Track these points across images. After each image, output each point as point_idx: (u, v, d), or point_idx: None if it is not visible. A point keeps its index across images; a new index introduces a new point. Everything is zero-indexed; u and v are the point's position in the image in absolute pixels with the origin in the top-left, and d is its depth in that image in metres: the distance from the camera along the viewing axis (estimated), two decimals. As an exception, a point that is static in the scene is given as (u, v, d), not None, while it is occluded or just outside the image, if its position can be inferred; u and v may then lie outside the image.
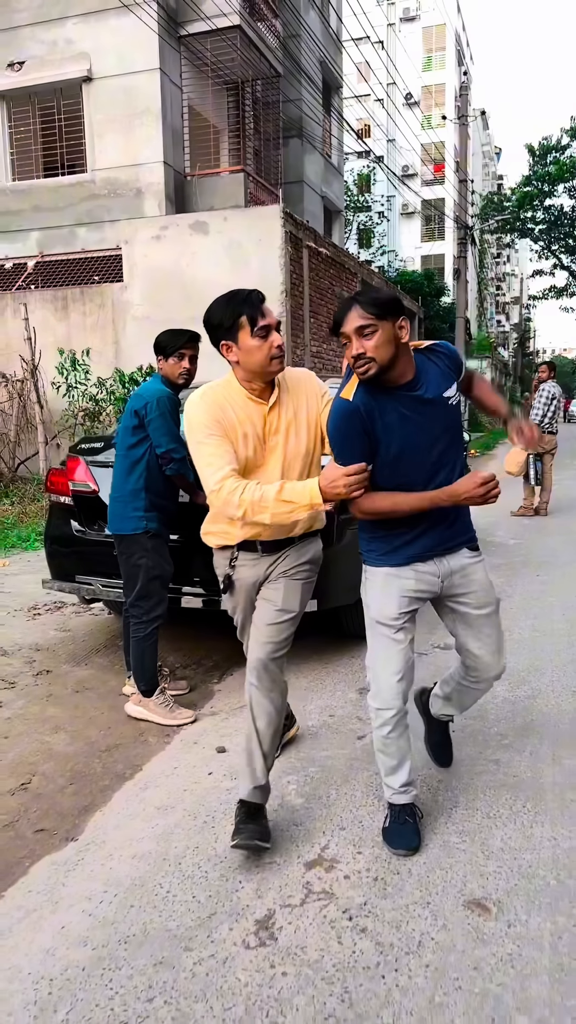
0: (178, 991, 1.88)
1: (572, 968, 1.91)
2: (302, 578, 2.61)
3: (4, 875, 2.40)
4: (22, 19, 13.20)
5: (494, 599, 2.52)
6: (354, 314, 2.16)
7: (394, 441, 2.26)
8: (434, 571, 2.42)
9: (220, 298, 2.40)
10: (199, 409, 2.40)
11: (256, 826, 2.41)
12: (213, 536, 2.66)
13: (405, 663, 2.44)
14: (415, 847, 2.43)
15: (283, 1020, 1.78)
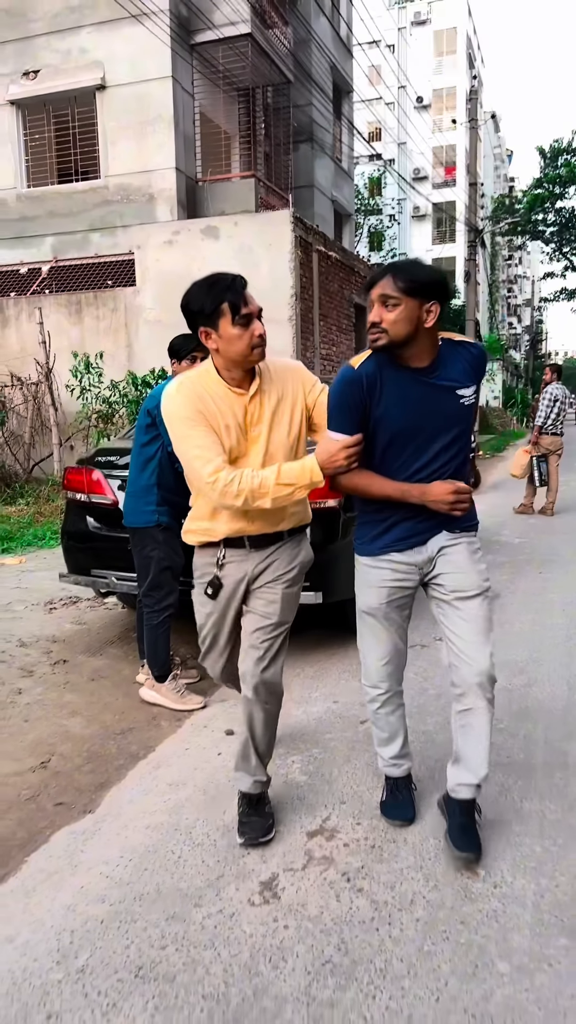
0: (189, 940, 2.05)
1: (551, 922, 2.06)
2: (297, 584, 2.56)
3: (27, 843, 2.58)
4: (37, 28, 13.46)
5: (476, 585, 2.35)
6: (385, 281, 2.13)
7: (391, 421, 2.22)
8: (410, 560, 2.37)
9: (201, 282, 2.29)
10: (179, 401, 2.31)
11: (259, 819, 2.54)
12: (194, 534, 2.54)
13: (391, 650, 2.47)
14: (410, 818, 2.58)
15: (284, 964, 1.94)
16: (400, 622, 2.48)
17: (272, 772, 2.96)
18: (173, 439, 2.33)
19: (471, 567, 2.36)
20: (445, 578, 2.36)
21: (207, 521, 2.47)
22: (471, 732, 2.33)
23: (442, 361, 2.23)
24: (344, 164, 20.25)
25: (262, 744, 2.55)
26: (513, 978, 1.87)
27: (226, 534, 2.45)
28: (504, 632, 4.75)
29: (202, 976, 1.92)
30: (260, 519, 2.41)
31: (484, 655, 2.31)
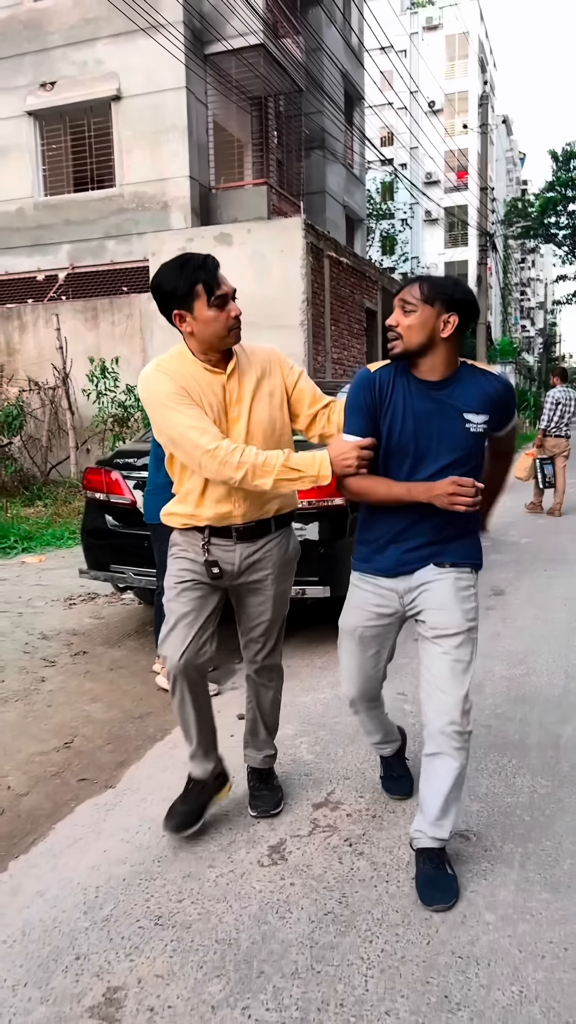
0: (203, 895, 2.24)
1: (535, 880, 2.25)
2: (288, 579, 2.57)
3: (53, 813, 2.78)
4: (54, 41, 13.76)
5: (457, 624, 2.21)
6: (408, 288, 2.15)
7: (393, 430, 2.19)
8: (393, 586, 2.31)
9: (171, 263, 2.22)
10: (160, 380, 2.23)
11: (269, 793, 2.72)
12: (178, 517, 2.42)
13: (361, 675, 2.44)
14: (407, 793, 2.75)
15: (290, 915, 2.13)
16: (375, 650, 2.41)
17: (281, 752, 3.15)
18: (159, 420, 2.23)
19: (455, 605, 2.22)
20: (426, 615, 2.26)
21: (192, 506, 2.36)
22: (431, 776, 2.21)
23: (458, 381, 2.19)
24: (356, 170, 20.47)
25: (270, 719, 2.72)
26: (497, 926, 2.06)
27: (211, 520, 2.35)
28: (506, 626, 4.93)
29: (215, 924, 2.11)
30: (246, 502, 2.33)
31: (455, 701, 2.16)
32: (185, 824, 2.50)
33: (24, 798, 2.90)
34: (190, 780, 2.60)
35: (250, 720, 2.73)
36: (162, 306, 2.25)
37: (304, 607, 4.52)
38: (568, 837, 2.48)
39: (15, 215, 14.44)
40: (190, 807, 2.54)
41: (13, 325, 13.23)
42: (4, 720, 3.57)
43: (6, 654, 4.41)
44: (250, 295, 11.53)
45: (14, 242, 14.45)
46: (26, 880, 2.36)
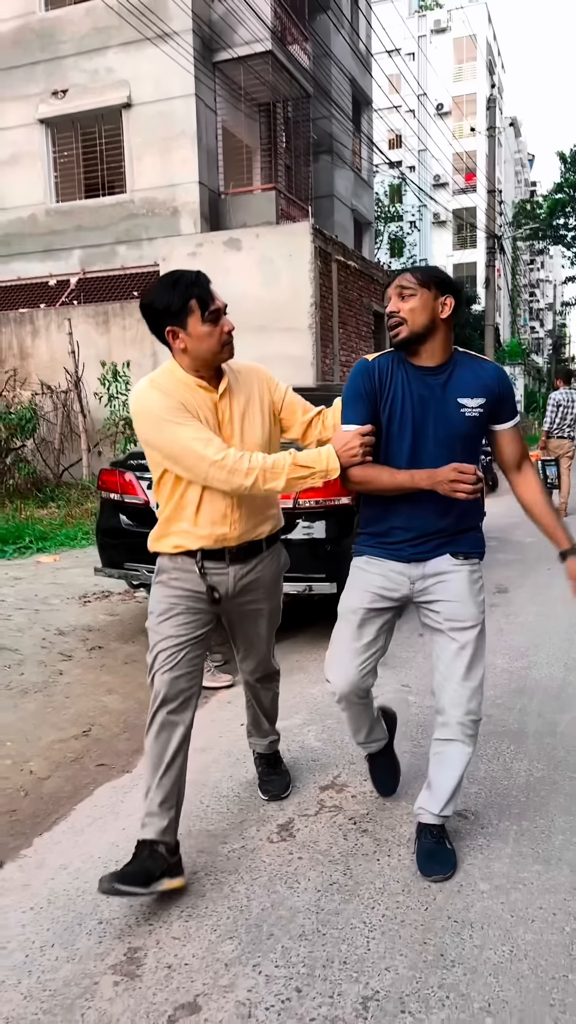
0: (216, 868, 2.39)
1: (527, 853, 2.39)
2: (280, 594, 2.61)
3: (74, 795, 2.94)
4: (66, 50, 13.98)
5: (473, 616, 2.30)
6: (401, 277, 2.22)
7: (394, 416, 2.23)
8: (405, 571, 2.33)
9: (163, 280, 2.21)
10: (157, 396, 2.19)
11: (278, 777, 2.86)
12: (169, 538, 2.34)
13: (358, 666, 2.35)
14: (389, 792, 2.78)
15: (298, 885, 2.28)
16: (371, 637, 2.37)
17: (289, 739, 3.32)
18: (156, 436, 2.18)
19: (470, 597, 2.30)
20: (442, 606, 2.30)
21: (185, 528, 2.30)
22: (444, 760, 2.31)
23: (453, 367, 2.24)
24: (363, 174, 20.62)
25: (271, 712, 2.82)
26: (492, 894, 2.20)
27: (205, 542, 2.30)
28: (509, 622, 5.06)
29: (228, 893, 2.26)
30: (241, 524, 2.31)
31: (471, 692, 2.27)
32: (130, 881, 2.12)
33: (46, 782, 3.05)
34: (139, 845, 2.25)
35: (251, 716, 2.83)
36: (153, 324, 2.23)
37: (311, 603, 4.66)
38: (561, 816, 2.62)
39: (27, 221, 14.66)
40: (135, 869, 2.18)
41: (26, 330, 13.44)
42: (25, 710, 3.73)
43: (25, 649, 4.58)
44: (259, 299, 11.80)
45: (27, 248, 14.68)
46: (50, 855, 2.52)
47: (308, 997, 1.84)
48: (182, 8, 12.50)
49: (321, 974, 1.91)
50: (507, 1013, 1.76)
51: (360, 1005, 1.81)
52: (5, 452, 11.37)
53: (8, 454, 11.40)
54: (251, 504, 2.33)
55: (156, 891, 2.17)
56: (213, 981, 1.91)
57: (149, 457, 2.29)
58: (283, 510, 4.48)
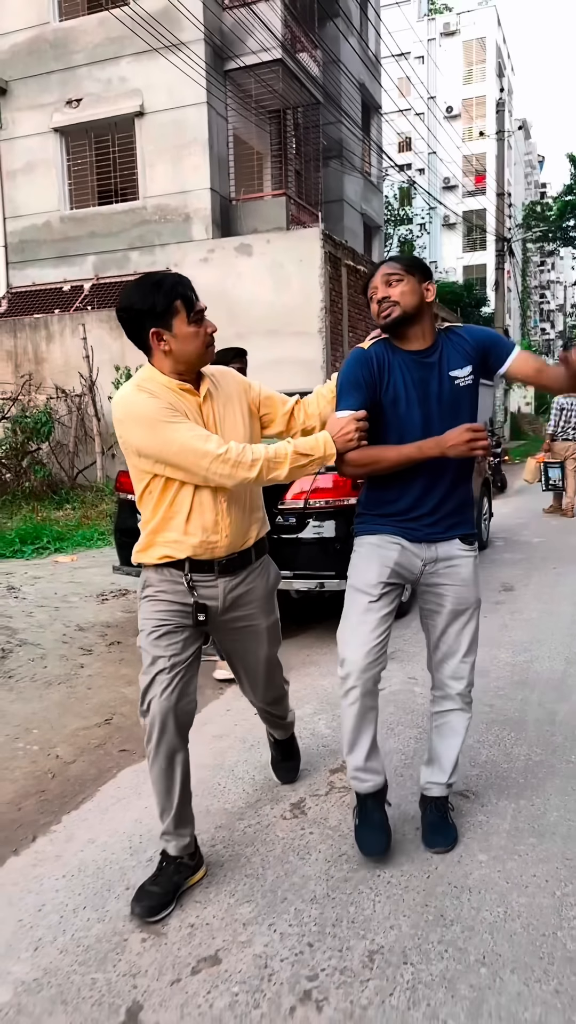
0: (233, 841, 2.57)
1: (524, 828, 2.56)
2: (275, 610, 2.53)
3: (98, 777, 3.13)
4: (79, 59, 14.21)
5: (473, 601, 2.45)
6: (384, 267, 2.32)
7: (398, 402, 2.30)
8: (419, 552, 2.40)
9: (142, 282, 2.16)
10: (146, 399, 2.13)
11: (291, 762, 2.99)
12: (161, 547, 2.26)
13: (376, 638, 2.35)
14: (382, 851, 2.41)
15: (309, 856, 2.46)
16: (387, 611, 2.40)
17: (301, 727, 3.49)
18: (149, 440, 2.11)
19: (474, 582, 2.46)
20: (450, 590, 2.41)
21: (173, 537, 2.23)
22: (446, 730, 2.49)
23: (440, 346, 2.36)
24: (373, 178, 20.79)
25: (284, 715, 2.86)
26: (489, 864, 2.37)
27: (194, 551, 2.24)
28: (514, 619, 5.23)
29: (244, 863, 2.44)
30: (231, 530, 2.26)
31: (470, 666, 2.49)
32: (159, 907, 2.20)
33: (71, 765, 3.24)
34: (164, 857, 2.33)
35: (269, 722, 2.89)
36: (134, 326, 2.16)
37: (322, 599, 4.84)
38: (556, 795, 2.78)
39: (42, 228, 14.91)
40: (163, 888, 2.25)
41: (41, 335, 13.67)
42: (50, 700, 3.92)
43: (47, 644, 4.77)
44: (269, 304, 12.01)
45: (41, 254, 14.93)
46: (78, 830, 2.70)
47: (319, 951, 2.02)
48: (193, 21, 12.70)
49: (331, 932, 2.09)
50: (500, 964, 1.94)
51: (366, 957, 1.98)
52: (21, 455, 11.61)
53: (24, 457, 11.63)
54: (240, 508, 2.29)
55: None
56: (232, 938, 2.09)
57: (134, 466, 2.22)
58: (294, 511, 4.70)
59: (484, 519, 8.02)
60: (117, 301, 2.18)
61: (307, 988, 1.89)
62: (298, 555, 4.70)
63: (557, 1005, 1.80)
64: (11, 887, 2.37)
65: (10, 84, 14.76)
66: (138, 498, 2.28)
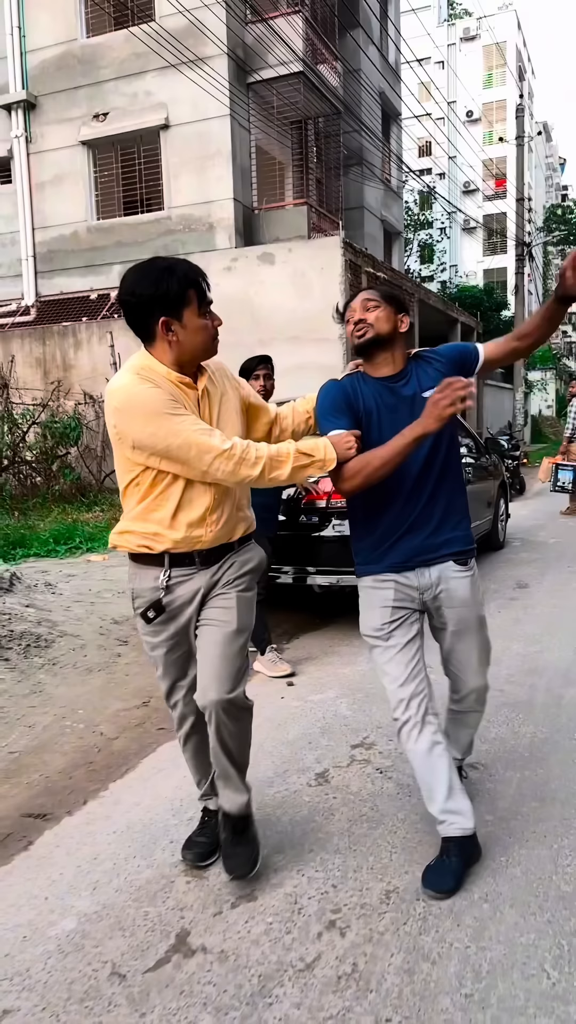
0: (263, 804, 2.86)
1: (527, 793, 2.83)
2: (251, 589, 2.35)
3: (140, 751, 3.43)
4: (106, 74, 14.63)
5: (474, 619, 2.48)
6: (364, 294, 2.44)
7: (371, 429, 2.32)
8: (414, 583, 2.41)
9: (150, 266, 2.07)
10: (148, 389, 2.04)
11: (245, 848, 2.33)
12: (135, 537, 2.19)
13: (404, 668, 2.39)
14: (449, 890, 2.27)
15: (332, 817, 2.75)
16: (405, 642, 2.42)
17: (324, 709, 3.80)
18: (152, 431, 2.02)
19: (475, 600, 2.48)
20: (449, 612, 2.44)
21: (160, 526, 2.16)
22: (463, 722, 2.67)
23: (412, 370, 2.41)
24: (393, 184, 21.07)
25: (241, 757, 2.37)
26: (494, 823, 2.64)
27: (175, 544, 2.17)
28: (527, 614, 5.48)
29: (274, 822, 2.73)
30: (218, 527, 2.21)
31: (482, 673, 2.56)
32: (207, 854, 2.47)
33: (115, 741, 3.55)
34: (205, 813, 2.59)
35: (220, 766, 2.35)
36: (140, 312, 2.06)
37: (343, 594, 5.12)
38: (558, 767, 3.05)
39: (70, 238, 15.33)
40: (208, 839, 2.51)
41: (69, 342, 14.08)
42: (92, 685, 4.24)
43: (86, 635, 5.09)
44: (291, 310, 12.32)
45: (69, 263, 15.35)
46: (124, 795, 3.01)
47: (342, 891, 2.30)
48: (216, 39, 13.05)
49: (353, 876, 2.37)
50: (500, 900, 2.21)
51: (384, 896, 2.27)
52: (51, 459, 11.99)
53: (54, 461, 12.01)
54: (231, 504, 2.24)
55: None
56: (265, 880, 2.38)
57: (126, 458, 2.12)
58: (317, 510, 4.98)
59: (501, 520, 8.27)
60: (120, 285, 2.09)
61: (332, 919, 2.18)
62: (320, 552, 4.99)
63: (549, 932, 2.07)
64: (68, 840, 2.68)
65: (39, 99, 15.22)
66: (123, 490, 2.20)
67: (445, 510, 2.42)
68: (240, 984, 1.94)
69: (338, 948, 2.05)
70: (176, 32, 13.02)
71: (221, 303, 8.20)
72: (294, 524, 5.10)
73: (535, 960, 1.97)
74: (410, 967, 1.97)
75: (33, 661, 4.53)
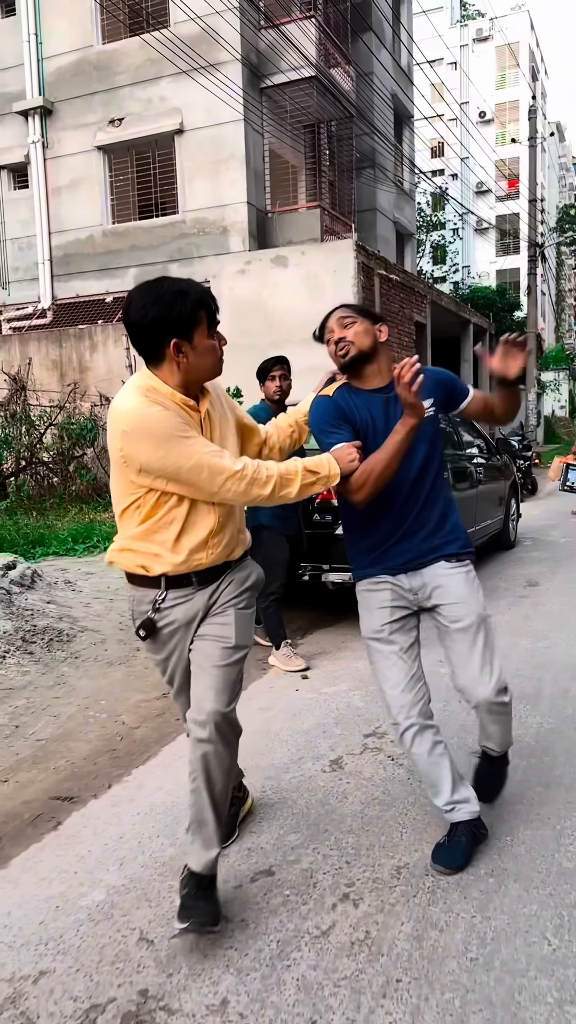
0: (280, 788, 3.00)
1: (532, 780, 2.96)
2: (250, 607, 2.31)
3: (160, 740, 3.57)
4: (122, 80, 14.83)
5: (474, 613, 2.39)
6: (337, 312, 2.47)
7: (365, 440, 2.34)
8: (406, 585, 2.44)
9: (164, 287, 2.03)
10: (159, 412, 1.99)
11: (206, 903, 2.11)
12: (140, 556, 2.14)
13: (405, 674, 2.42)
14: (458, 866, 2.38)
15: (346, 800, 2.88)
16: (406, 645, 2.45)
17: (337, 701, 3.92)
18: (167, 454, 1.98)
19: (471, 596, 2.42)
20: (446, 608, 2.41)
21: (163, 548, 2.11)
22: (489, 723, 2.51)
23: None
24: (405, 186, 21.17)
25: (221, 797, 2.20)
26: (501, 806, 2.76)
27: (175, 567, 2.13)
28: (536, 611, 5.59)
29: (291, 804, 2.87)
30: (218, 550, 2.18)
31: (491, 683, 2.37)
32: (226, 835, 2.53)
33: (136, 730, 3.69)
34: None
35: (198, 808, 2.19)
36: (150, 334, 2.02)
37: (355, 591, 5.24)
38: (563, 755, 3.17)
39: (86, 242, 15.54)
40: (229, 819, 2.54)
41: (85, 344, 14.28)
42: (113, 677, 4.39)
43: (105, 630, 5.25)
44: (304, 313, 12.42)
45: (85, 267, 15.56)
46: (147, 780, 3.15)
47: (355, 867, 2.44)
48: (229, 46, 13.21)
49: (366, 854, 2.51)
50: (505, 875, 2.34)
51: (395, 871, 2.40)
52: (68, 460, 12.17)
53: (71, 462, 12.19)
54: (232, 527, 2.22)
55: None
56: (282, 857, 2.51)
57: (129, 480, 2.07)
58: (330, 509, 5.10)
59: (512, 520, 8.37)
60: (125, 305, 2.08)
61: (346, 892, 2.31)
62: (333, 550, 5.12)
63: (550, 904, 2.20)
64: (95, 821, 2.83)
65: (56, 105, 15.44)
66: (120, 512, 2.14)
67: (441, 515, 2.47)
68: (260, 949, 2.07)
69: (352, 917, 2.19)
70: (190, 38, 13.20)
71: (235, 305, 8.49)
72: (308, 522, 5.24)
73: (537, 929, 2.10)
74: (419, 934, 2.10)
75: (56, 655, 4.68)
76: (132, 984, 1.97)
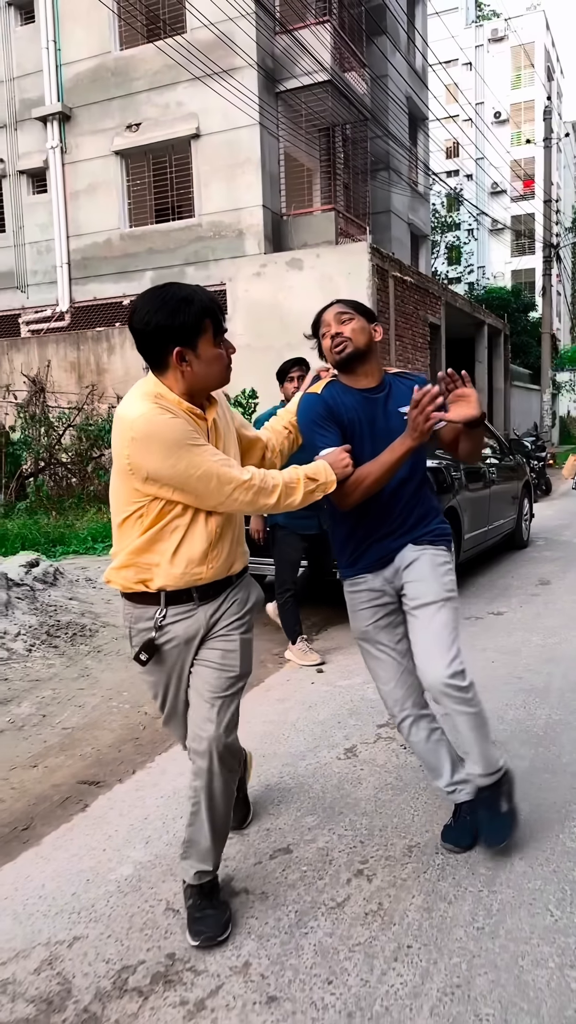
0: (297, 775, 3.13)
1: (540, 768, 3.07)
2: (252, 629, 2.27)
3: (181, 729, 3.71)
4: (139, 86, 15.03)
5: (436, 593, 2.38)
6: (334, 307, 2.45)
7: (352, 440, 2.36)
8: (381, 573, 2.49)
9: (170, 294, 1.99)
10: (170, 420, 1.95)
11: (214, 912, 2.15)
12: (139, 571, 2.09)
13: (395, 670, 2.50)
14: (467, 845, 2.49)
15: (360, 785, 3.01)
16: (393, 642, 2.51)
17: (351, 694, 4.05)
18: (177, 462, 1.95)
19: (433, 577, 2.40)
20: (408, 587, 2.43)
21: (162, 559, 2.07)
22: (459, 732, 2.40)
23: (389, 385, 2.47)
24: (420, 188, 21.27)
25: (221, 822, 2.19)
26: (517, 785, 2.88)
27: (174, 582, 2.09)
28: (547, 608, 5.69)
29: (307, 789, 3.00)
30: (218, 563, 2.13)
31: (443, 662, 2.30)
32: (242, 818, 2.69)
33: (158, 720, 3.79)
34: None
35: (193, 829, 2.18)
36: (154, 342, 2.00)
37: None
38: (570, 744, 3.29)
39: (103, 245, 15.75)
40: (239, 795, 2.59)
41: (102, 347, 14.48)
42: (134, 671, 4.45)
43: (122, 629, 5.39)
44: (320, 316, 12.52)
45: (102, 270, 15.77)
46: (169, 766, 3.29)
47: (369, 846, 2.57)
48: (244, 53, 13.36)
49: (379, 834, 2.64)
50: (511, 854, 2.46)
51: (407, 850, 2.53)
52: (86, 461, 12.35)
53: (89, 462, 12.38)
54: (232, 539, 2.19)
55: None
56: (299, 837, 2.65)
57: (133, 488, 2.03)
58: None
59: (525, 519, 8.47)
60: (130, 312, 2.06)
61: (360, 868, 2.44)
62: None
63: (554, 879, 2.32)
64: (120, 804, 2.97)
65: (74, 111, 15.66)
66: (120, 523, 2.09)
67: (420, 515, 2.51)
68: (279, 918, 2.21)
69: (365, 891, 2.32)
70: (206, 45, 13.37)
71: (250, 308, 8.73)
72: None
73: (540, 902, 2.22)
74: (429, 906, 2.22)
75: (80, 648, 4.84)
76: (160, 948, 2.11)
